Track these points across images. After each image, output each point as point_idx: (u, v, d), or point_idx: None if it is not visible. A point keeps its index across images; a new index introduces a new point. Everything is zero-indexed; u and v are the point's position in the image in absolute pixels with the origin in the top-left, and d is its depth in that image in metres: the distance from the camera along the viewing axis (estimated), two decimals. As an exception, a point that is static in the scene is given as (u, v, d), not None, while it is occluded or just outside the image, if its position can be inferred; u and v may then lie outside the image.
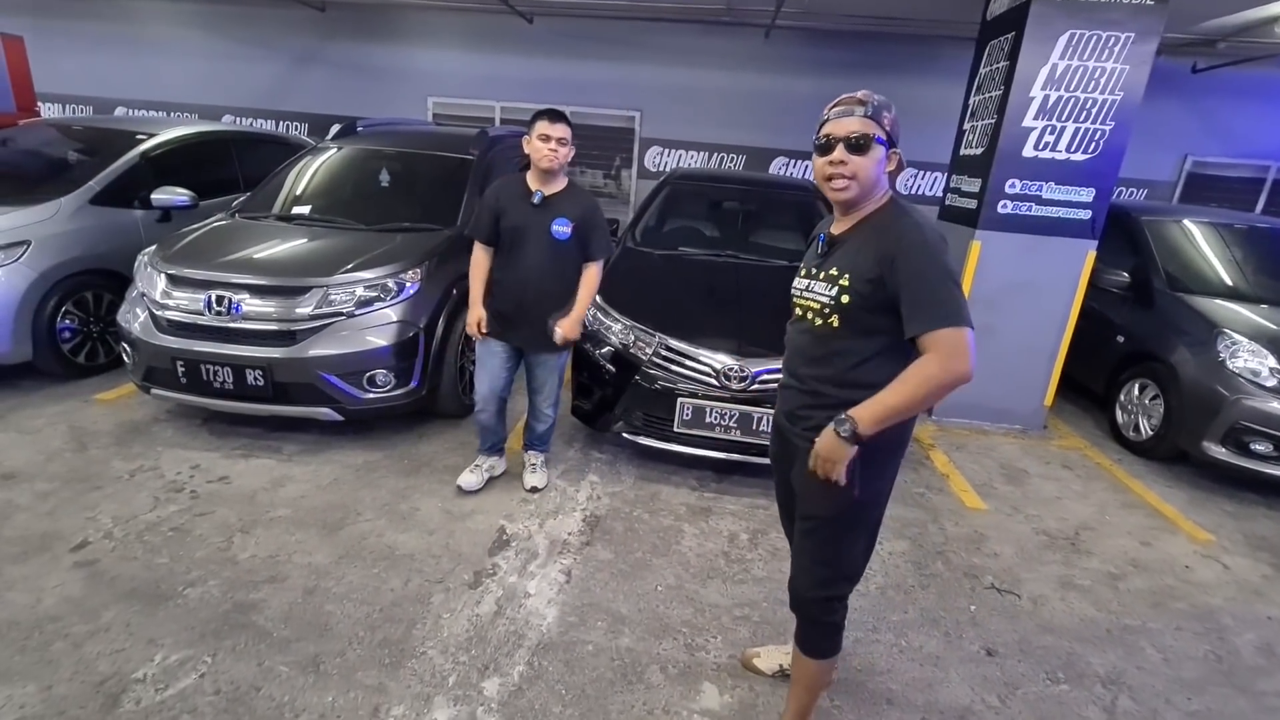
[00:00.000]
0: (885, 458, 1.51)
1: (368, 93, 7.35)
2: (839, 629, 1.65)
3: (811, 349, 1.52)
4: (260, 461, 3.08)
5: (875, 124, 1.41)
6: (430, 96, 7.32)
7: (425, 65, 7.18)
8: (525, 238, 2.62)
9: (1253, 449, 3.40)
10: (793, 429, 1.59)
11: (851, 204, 1.46)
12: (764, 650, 2.08)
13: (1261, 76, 6.05)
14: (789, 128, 6.94)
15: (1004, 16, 3.88)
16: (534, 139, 2.53)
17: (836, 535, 1.55)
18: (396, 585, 2.31)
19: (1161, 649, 2.33)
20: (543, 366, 2.86)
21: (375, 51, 7.23)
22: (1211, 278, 4.17)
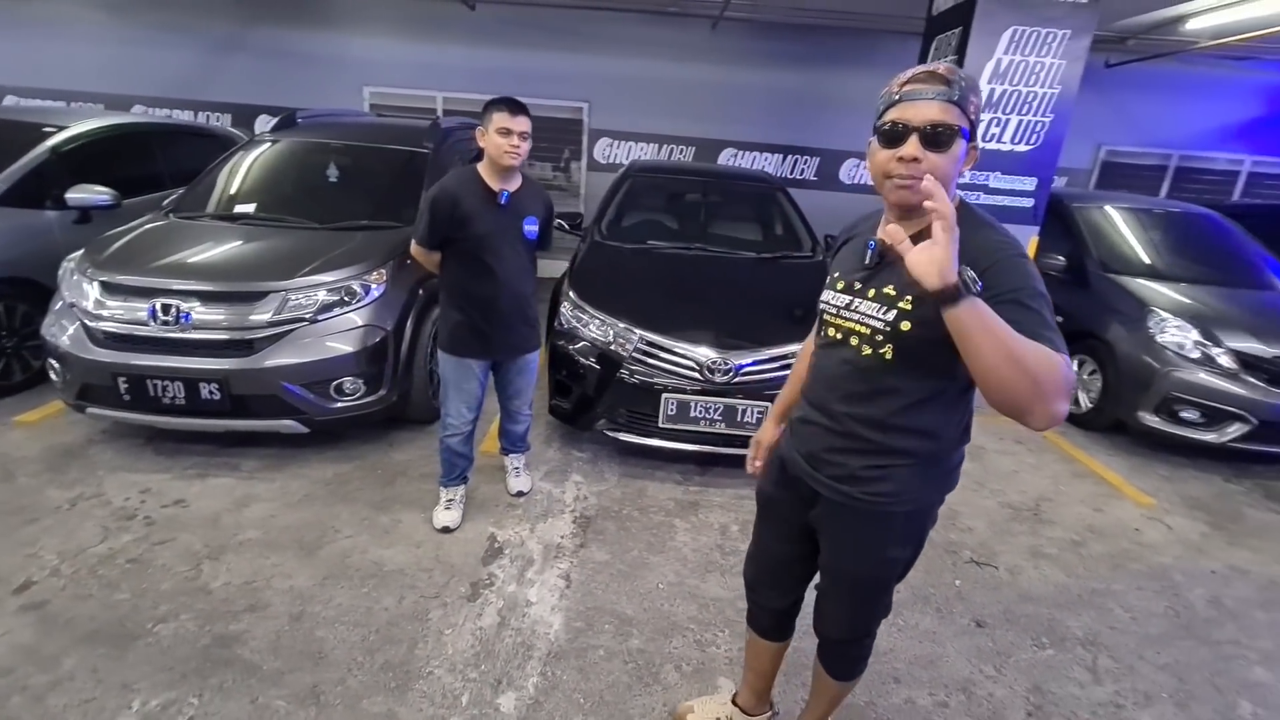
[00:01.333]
0: (933, 506, 1.37)
1: (297, 82, 6.91)
2: (868, 655, 1.58)
3: (851, 383, 1.26)
4: (218, 481, 2.87)
5: (960, 112, 1.11)
6: (366, 86, 6.96)
7: (359, 53, 6.82)
8: (498, 243, 2.38)
9: (1182, 417, 3.70)
10: (816, 474, 1.35)
11: (915, 209, 1.13)
12: (697, 703, 1.86)
13: (1165, 72, 6.56)
14: (737, 119, 7.01)
15: (950, 12, 4.03)
16: (491, 133, 2.25)
17: (875, 592, 1.43)
18: (390, 604, 2.20)
19: (1128, 608, 2.50)
20: (523, 372, 2.68)
21: (304, 38, 6.80)
22: (1137, 259, 4.49)
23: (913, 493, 1.29)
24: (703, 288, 3.48)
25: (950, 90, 1.11)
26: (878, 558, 1.36)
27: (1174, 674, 2.18)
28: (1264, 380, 3.58)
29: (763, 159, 7.17)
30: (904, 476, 1.27)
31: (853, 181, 7.20)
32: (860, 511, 1.31)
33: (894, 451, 1.25)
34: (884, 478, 1.27)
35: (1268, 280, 4.40)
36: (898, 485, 1.27)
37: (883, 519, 1.31)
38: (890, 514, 1.30)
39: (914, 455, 1.26)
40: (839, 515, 1.35)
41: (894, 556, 1.36)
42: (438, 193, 2.33)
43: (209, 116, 7.08)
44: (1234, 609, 2.55)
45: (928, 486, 1.31)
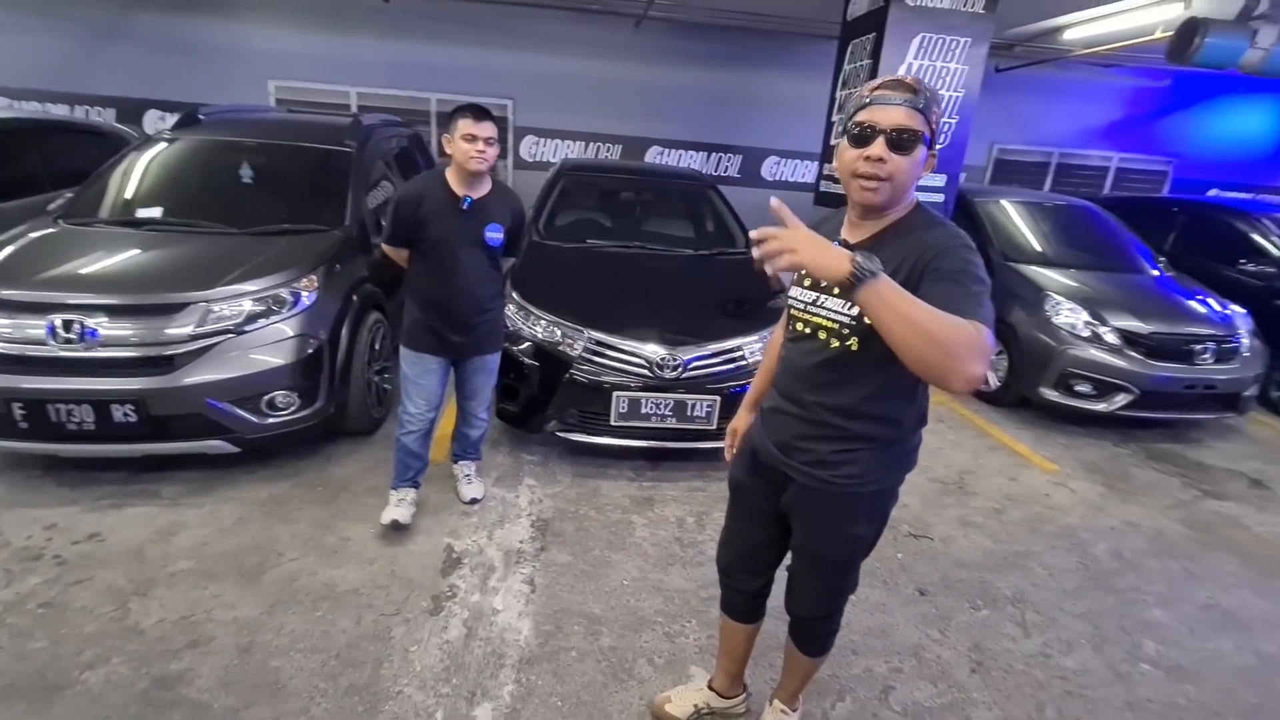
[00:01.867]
0: (896, 486, 1.46)
1: (191, 74, 6.39)
2: (837, 631, 1.67)
3: (820, 374, 1.34)
4: (137, 510, 2.64)
5: (924, 120, 1.20)
6: (271, 80, 6.53)
7: (263, 45, 6.39)
8: (456, 248, 2.40)
9: (1077, 390, 4.10)
10: (788, 460, 1.42)
11: (877, 209, 1.26)
12: (674, 693, 1.91)
13: (1046, 77, 7.20)
14: (662, 117, 7.10)
15: (864, 18, 4.26)
16: (457, 139, 2.28)
17: (846, 565, 1.52)
18: (348, 625, 2.11)
19: (1046, 566, 2.76)
20: (479, 372, 2.67)
21: (198, 27, 6.29)
22: (1032, 249, 4.91)
23: (877, 474, 1.38)
24: (645, 285, 3.52)
25: (916, 99, 1.20)
26: (847, 536, 1.45)
27: (1089, 622, 2.43)
28: (1142, 354, 4.02)
29: (688, 157, 7.30)
30: (869, 459, 1.36)
31: (774, 178, 7.46)
32: (830, 494, 1.39)
33: (860, 437, 1.34)
34: (851, 461, 1.36)
35: (1139, 265, 4.93)
36: (864, 467, 1.36)
37: (851, 499, 1.40)
38: (858, 494, 1.39)
39: (877, 439, 1.36)
40: (810, 498, 1.43)
41: (861, 534, 1.46)
42: (403, 193, 2.42)
43: (89, 111, 6.44)
44: (1131, 559, 2.87)
45: (890, 468, 1.41)
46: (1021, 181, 7.92)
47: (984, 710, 1.99)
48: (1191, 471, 3.81)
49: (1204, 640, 2.38)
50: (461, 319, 2.48)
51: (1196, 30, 3.98)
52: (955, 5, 3.98)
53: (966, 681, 2.09)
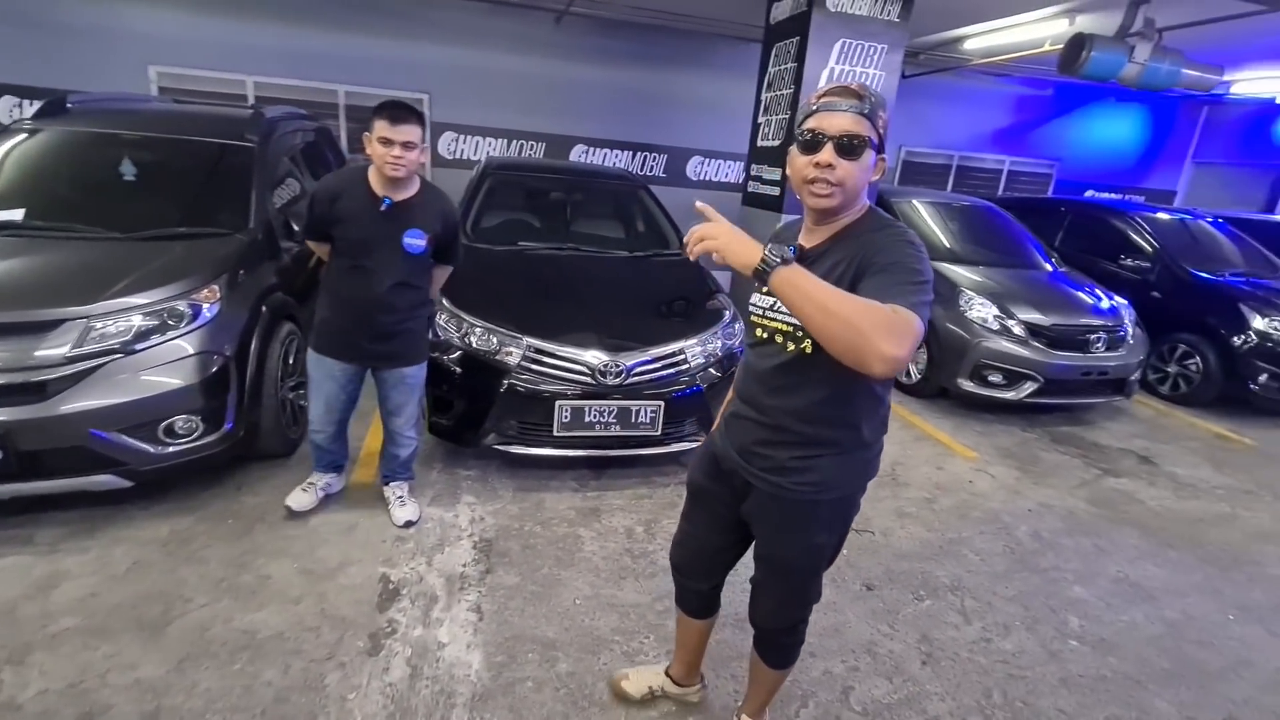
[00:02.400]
0: (856, 495, 1.45)
1: (56, 57, 5.64)
2: (801, 643, 1.65)
3: (777, 377, 1.34)
4: (7, 562, 2.28)
5: (870, 125, 1.21)
6: (152, 65, 5.87)
7: (142, 26, 5.73)
8: (371, 251, 2.29)
9: (990, 380, 4.36)
10: (748, 466, 1.43)
11: (830, 213, 1.28)
12: (632, 673, 1.95)
13: (948, 84, 7.65)
14: (586, 115, 6.98)
15: (787, 21, 4.34)
16: (373, 141, 2.15)
17: (808, 574, 1.51)
18: (273, 677, 1.90)
19: (977, 552, 2.90)
20: (398, 386, 2.54)
21: (63, 4, 5.57)
22: (945, 247, 5.19)
23: (837, 481, 1.39)
24: (581, 289, 3.42)
25: (862, 104, 1.21)
26: (807, 544, 1.44)
27: (1020, 604, 2.57)
28: (1045, 344, 4.33)
29: (613, 156, 7.23)
30: (828, 466, 1.36)
31: (699, 178, 7.52)
32: (789, 501, 1.39)
33: (819, 442, 1.34)
34: (810, 468, 1.36)
35: (1037, 261, 5.31)
36: (823, 475, 1.36)
37: (811, 507, 1.39)
38: (817, 502, 1.39)
39: (836, 445, 1.36)
40: (771, 506, 1.42)
41: (822, 543, 1.45)
42: (320, 186, 2.33)
43: (-80, 96, 5.58)
44: (1049, 539, 3.06)
45: (850, 475, 1.41)
46: (927, 182, 8.39)
47: (938, 701, 2.04)
48: (1090, 452, 4.14)
49: (1119, 613, 2.57)
50: (373, 326, 2.37)
51: (1084, 45, 4.32)
52: (873, 12, 4.12)
53: (919, 674, 2.15)
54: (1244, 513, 3.50)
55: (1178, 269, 5.35)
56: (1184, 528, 3.28)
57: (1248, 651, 2.41)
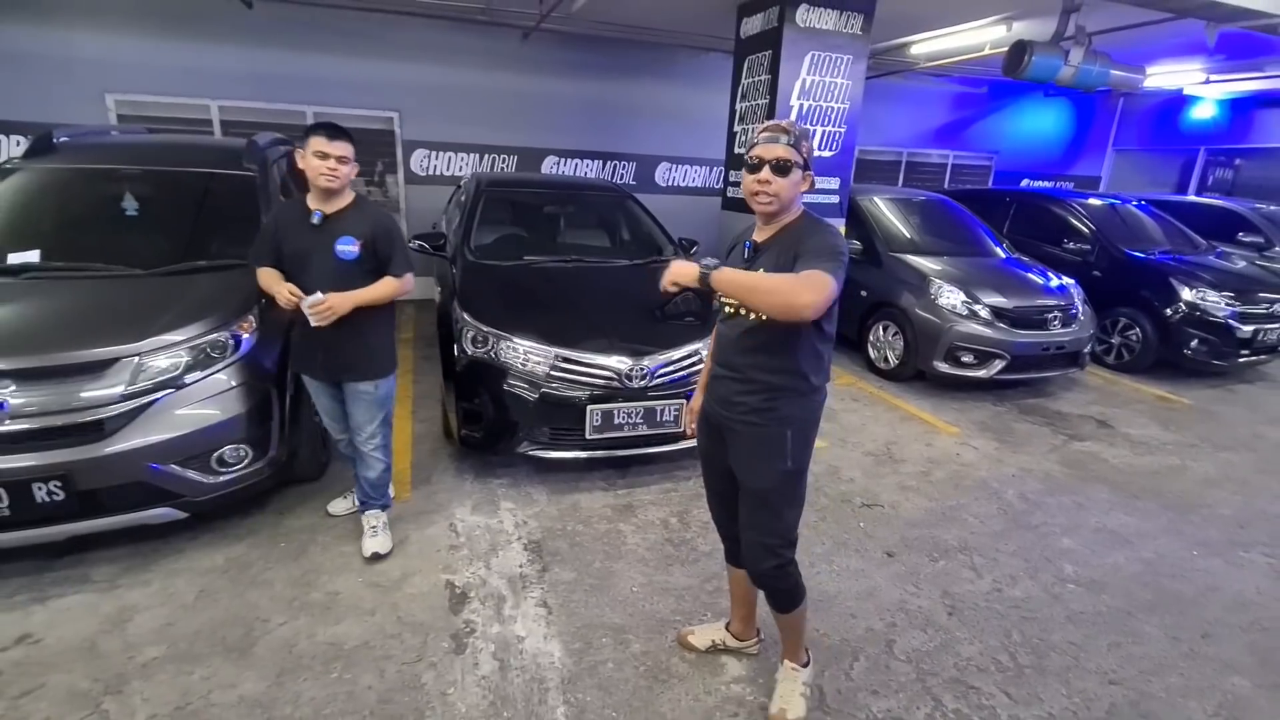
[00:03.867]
0: (809, 430, 1.76)
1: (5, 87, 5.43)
2: (798, 584, 1.87)
3: (745, 340, 1.71)
4: (69, 601, 2.30)
5: (795, 151, 1.61)
6: (110, 93, 5.69)
7: (97, 53, 5.55)
8: (308, 261, 2.38)
9: (963, 361, 4.73)
10: (728, 415, 1.77)
11: (772, 216, 1.68)
12: (697, 629, 2.25)
13: (895, 85, 8.12)
14: (556, 127, 7.12)
15: (758, 36, 4.61)
16: (309, 156, 2.27)
17: (778, 504, 1.77)
18: (372, 681, 2.01)
19: (975, 515, 3.21)
20: (357, 401, 2.55)
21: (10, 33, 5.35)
22: (909, 240, 5.56)
23: (795, 416, 1.73)
24: (592, 299, 3.59)
25: (789, 137, 1.63)
26: (776, 471, 1.74)
27: (1020, 557, 2.88)
28: (1009, 325, 4.73)
29: (584, 165, 7.39)
30: (788, 404, 1.72)
31: (667, 184, 7.75)
32: (760, 434, 1.74)
33: (779, 388, 1.71)
34: (774, 407, 1.72)
35: (990, 248, 5.75)
36: (786, 410, 1.72)
37: (778, 436, 1.73)
38: (783, 432, 1.72)
39: (794, 389, 1.72)
40: (745, 441, 1.76)
41: (787, 470, 1.74)
42: (265, 222, 2.55)
43: None
44: (1035, 499, 3.41)
45: (805, 411, 1.76)
46: (879, 178, 8.86)
47: (968, 645, 2.31)
48: (1055, 420, 4.55)
49: (1104, 557, 2.91)
50: (326, 336, 2.40)
51: (1025, 50, 4.74)
52: (838, 26, 4.42)
53: (947, 624, 2.41)
54: (1192, 464, 3.95)
55: (1114, 249, 5.88)
56: (1145, 480, 3.69)
57: (1213, 580, 2.78)
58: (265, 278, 2.42)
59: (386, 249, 2.45)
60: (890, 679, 2.14)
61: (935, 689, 2.11)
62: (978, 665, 2.22)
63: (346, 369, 2.51)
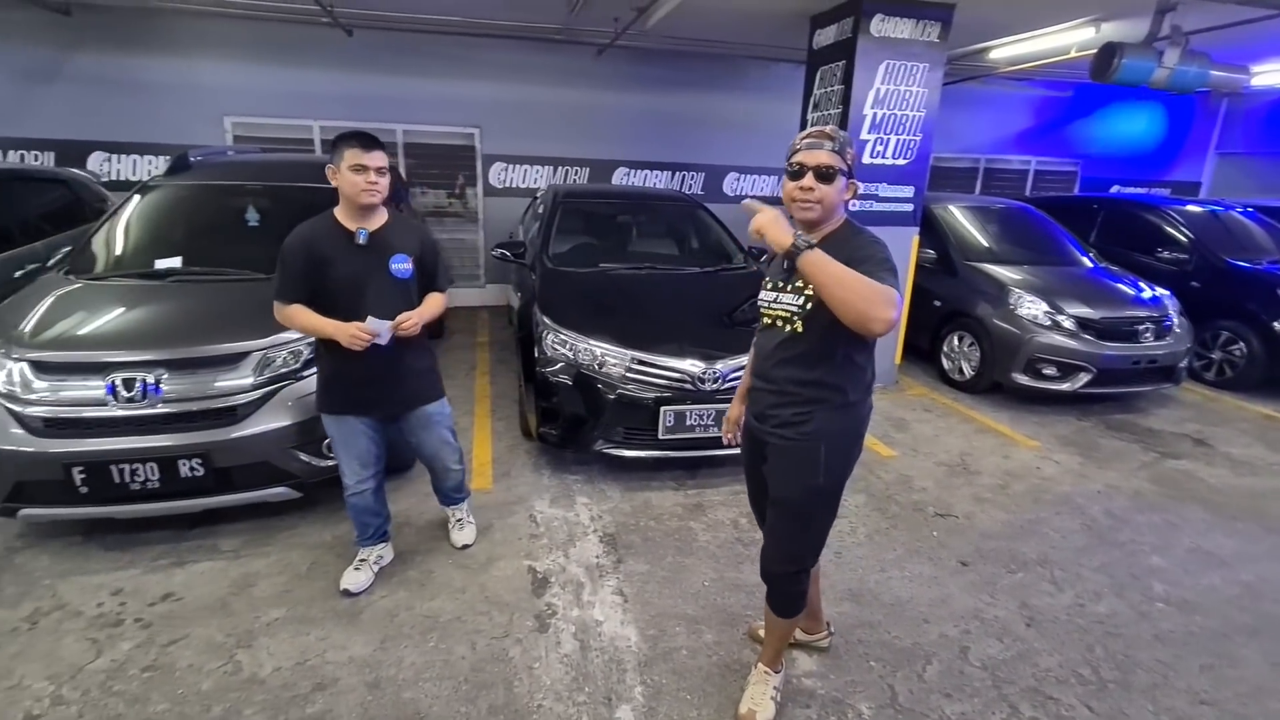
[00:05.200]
0: (847, 446, 1.73)
1: (139, 113, 6.10)
2: (803, 595, 1.88)
3: (780, 352, 1.69)
4: (203, 566, 2.60)
5: (840, 158, 1.58)
6: (228, 116, 6.32)
7: (217, 80, 6.18)
8: (364, 286, 2.16)
9: (1044, 373, 4.58)
10: (762, 427, 1.76)
11: (814, 224, 1.64)
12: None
13: (971, 91, 7.92)
14: (626, 139, 7.34)
15: (832, 47, 4.64)
16: (344, 170, 2.08)
17: (806, 518, 1.76)
18: (465, 652, 2.19)
19: (1056, 530, 3.12)
20: (427, 427, 2.43)
21: (146, 64, 6.03)
22: (987, 249, 5.42)
23: (829, 431, 1.69)
24: (666, 304, 3.71)
25: (834, 144, 1.60)
26: (806, 485, 1.72)
27: (1105, 573, 2.79)
28: (1095, 336, 4.55)
29: (654, 176, 7.57)
30: (822, 418, 1.68)
31: (735, 193, 7.82)
32: (793, 449, 1.71)
33: (813, 400, 1.68)
34: (808, 420, 1.69)
35: (1076, 257, 5.53)
36: (820, 425, 1.68)
37: (811, 452, 1.70)
38: (817, 447, 1.69)
39: (828, 402, 1.68)
40: (779, 455, 1.74)
41: (819, 486, 1.72)
42: (287, 242, 2.16)
43: (25, 155, 6.05)
44: (1122, 516, 3.27)
45: (840, 427, 1.71)
46: (955, 186, 8.63)
47: (1047, 656, 2.28)
48: (1146, 437, 4.33)
49: (1198, 577, 2.78)
50: (385, 368, 2.21)
51: (1115, 53, 4.57)
52: (914, 35, 4.41)
53: (1025, 634, 2.38)
54: (1303, 487, 3.69)
55: (1215, 259, 5.53)
56: (1246, 502, 3.47)
57: (1324, 608, 2.61)
58: (306, 319, 2.14)
59: (433, 263, 2.34)
60: (964, 684, 2.14)
61: (1012, 696, 2.10)
62: (1057, 677, 2.19)
63: (412, 397, 2.35)
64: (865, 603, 2.53)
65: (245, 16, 5.83)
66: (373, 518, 2.48)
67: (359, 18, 5.88)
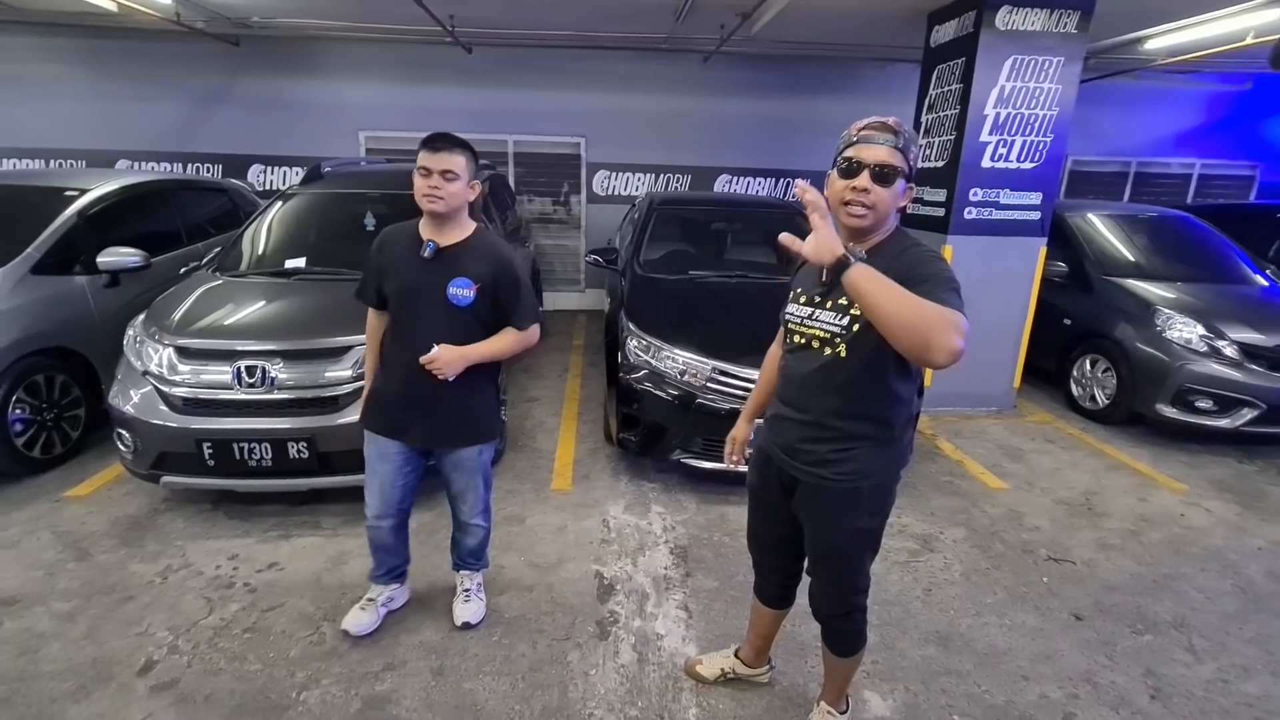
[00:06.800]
0: (890, 484, 1.56)
1: (290, 129, 6.86)
2: (861, 632, 1.73)
3: (817, 380, 1.48)
4: (305, 541, 2.83)
5: (903, 157, 1.37)
6: (362, 130, 6.95)
7: (354, 98, 6.82)
8: (416, 302, 1.97)
9: (1197, 406, 3.98)
10: (793, 463, 1.56)
11: (861, 233, 1.43)
12: (704, 658, 2.14)
13: (1122, 86, 7.08)
14: (729, 146, 7.25)
15: (951, 44, 4.32)
16: (415, 175, 1.90)
17: (851, 559, 1.61)
18: (525, 650, 2.22)
19: (1200, 589, 2.68)
20: (459, 468, 2.16)
21: (296, 86, 6.77)
22: (1133, 262, 4.81)
23: (873, 470, 1.51)
24: (753, 314, 3.58)
25: (897, 139, 1.37)
26: (851, 529, 1.55)
27: (1260, 646, 2.36)
28: (1265, 367, 3.89)
29: (756, 183, 7.42)
30: (864, 456, 1.50)
31: (842, 201, 7.49)
32: (832, 490, 1.52)
33: (854, 436, 1.48)
34: (848, 459, 1.49)
35: (1245, 275, 4.77)
36: (860, 464, 1.50)
37: (851, 494, 1.52)
38: (858, 489, 1.51)
39: (870, 438, 1.49)
40: (815, 496, 1.56)
41: (864, 527, 1.56)
42: (373, 246, 2.07)
43: (198, 168, 6.96)
44: (1290, 582, 2.76)
45: (884, 464, 1.53)
46: (1098, 193, 7.75)
47: (1175, 738, 1.95)
48: (1331, 489, 3.64)
49: (1393, 667, 2.28)
50: (421, 394, 2.00)
51: (1304, 36, 3.91)
52: (1048, 26, 4.01)
53: (1149, 708, 2.05)
54: None
55: None
56: None
57: None
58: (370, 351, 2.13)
59: (510, 297, 2.03)
60: (1066, 756, 1.88)
61: (1125, 779, 1.81)
62: (1187, 764, 1.87)
63: (443, 435, 2.09)
64: (954, 649, 2.29)
65: (379, 39, 6.37)
66: (389, 555, 2.26)
67: (478, 35, 6.24)
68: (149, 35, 6.33)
